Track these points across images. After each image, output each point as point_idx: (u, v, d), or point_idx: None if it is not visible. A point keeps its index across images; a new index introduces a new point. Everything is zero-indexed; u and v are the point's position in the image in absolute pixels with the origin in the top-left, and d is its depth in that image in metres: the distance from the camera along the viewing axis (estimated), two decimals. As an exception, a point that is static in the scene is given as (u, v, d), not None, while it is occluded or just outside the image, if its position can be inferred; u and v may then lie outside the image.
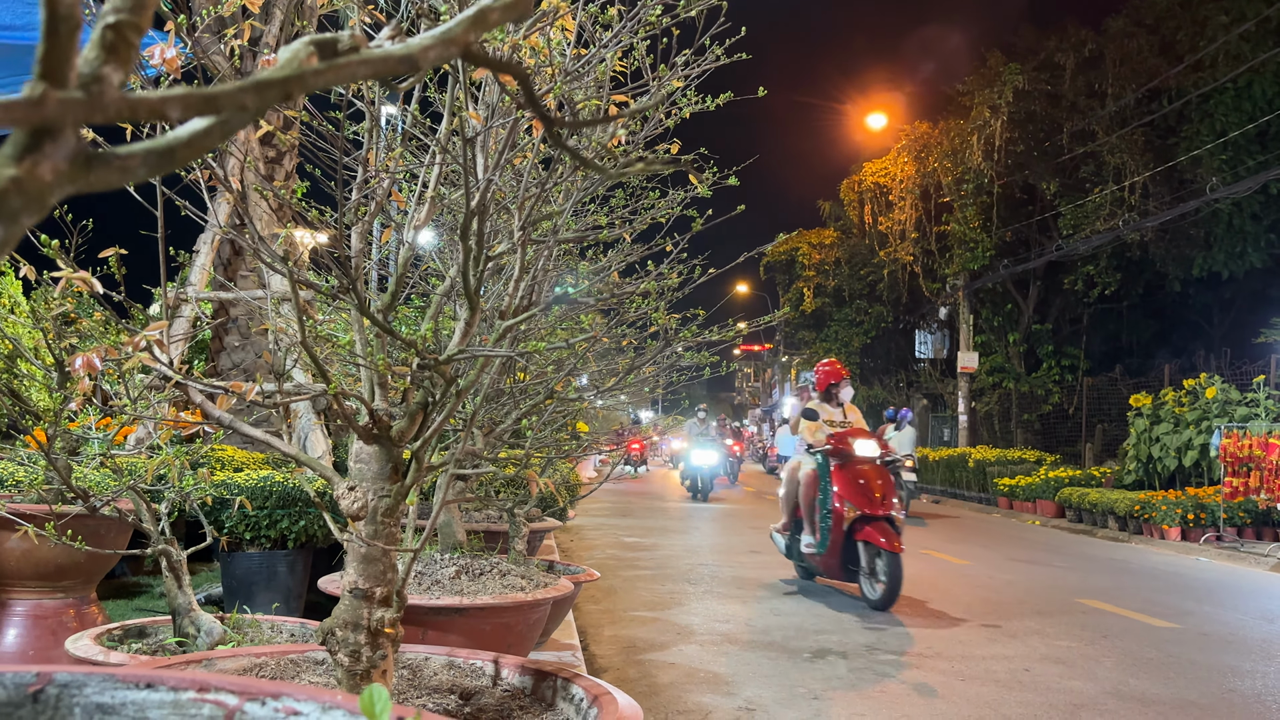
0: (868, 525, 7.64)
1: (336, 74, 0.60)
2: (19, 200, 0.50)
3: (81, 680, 0.81)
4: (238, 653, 1.98)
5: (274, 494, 4.56)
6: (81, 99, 0.50)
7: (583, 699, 1.83)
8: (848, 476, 7.96)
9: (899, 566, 7.37)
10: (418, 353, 1.48)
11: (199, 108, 0.53)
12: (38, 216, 0.53)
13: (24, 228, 0.52)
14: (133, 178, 0.57)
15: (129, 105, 0.52)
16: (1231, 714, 4.95)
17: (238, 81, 0.55)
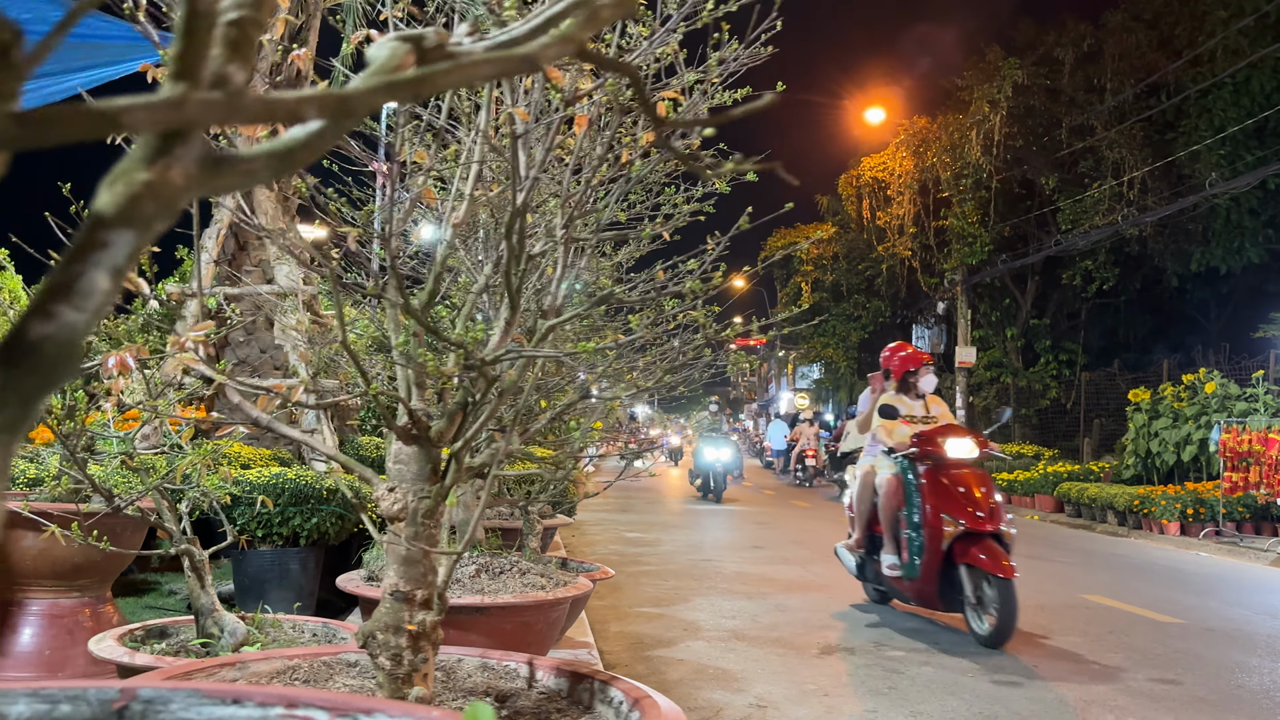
0: (972, 544, 6.27)
1: (462, 73, 0.57)
2: (152, 205, 0.48)
3: (166, 696, 0.78)
4: (270, 655, 1.96)
5: (286, 491, 4.54)
6: (221, 100, 0.48)
7: (622, 702, 1.81)
8: (943, 484, 6.59)
9: (1013, 595, 6.01)
10: (466, 353, 1.46)
11: (334, 110, 0.51)
12: (167, 222, 0.51)
13: (155, 234, 0.50)
14: (255, 181, 0.55)
15: (266, 107, 0.50)
16: (1241, 710, 4.95)
17: (369, 82, 0.53)
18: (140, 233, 0.48)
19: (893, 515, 6.96)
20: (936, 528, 6.46)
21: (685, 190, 2.90)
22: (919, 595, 6.71)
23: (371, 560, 3.57)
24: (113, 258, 0.47)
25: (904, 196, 25.84)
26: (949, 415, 7.51)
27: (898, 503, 6.95)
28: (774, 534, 13.17)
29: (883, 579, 7.11)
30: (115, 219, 0.47)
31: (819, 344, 29.85)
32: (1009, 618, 5.97)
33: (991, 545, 6.22)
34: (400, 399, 1.69)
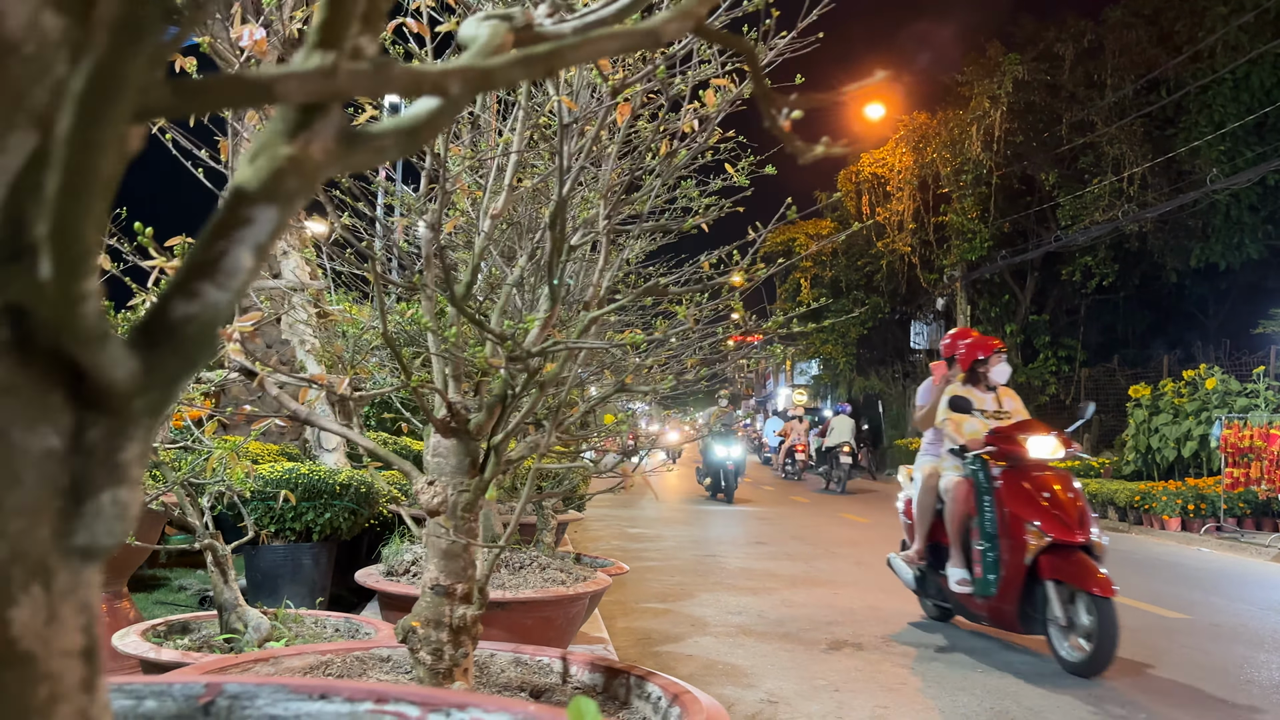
0: (1060, 557, 5.50)
1: (590, 48, 0.56)
2: (295, 181, 0.46)
3: (252, 691, 0.77)
4: (301, 650, 1.94)
5: (299, 486, 4.52)
6: (370, 71, 0.46)
7: (660, 698, 1.79)
8: (1024, 489, 5.79)
9: (1113, 617, 5.19)
10: (515, 345, 1.44)
11: (476, 83, 0.49)
12: (307, 199, 0.49)
13: (296, 211, 0.48)
14: (385, 158, 0.54)
15: (413, 78, 0.48)
16: (1251, 705, 4.95)
17: (505, 56, 0.51)
18: (283, 209, 0.46)
19: (962, 524, 6.16)
20: (1018, 539, 5.65)
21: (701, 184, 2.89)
22: (995, 615, 5.88)
23: (391, 555, 3.55)
24: (256, 234, 0.46)
25: (904, 192, 25.84)
26: (1023, 409, 6.66)
27: (968, 510, 6.13)
28: (775, 530, 13.16)
29: (948, 595, 6.29)
30: (258, 194, 0.45)
31: (818, 340, 29.84)
32: (1108, 643, 5.14)
33: (1082, 559, 5.43)
34: (439, 391, 1.67)
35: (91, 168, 0.34)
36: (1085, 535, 5.53)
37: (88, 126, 0.33)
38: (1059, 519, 5.58)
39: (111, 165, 0.35)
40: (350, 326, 1.94)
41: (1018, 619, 5.76)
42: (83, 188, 0.34)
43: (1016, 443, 5.98)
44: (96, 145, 0.34)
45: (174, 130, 1.89)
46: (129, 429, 0.44)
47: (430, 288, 1.66)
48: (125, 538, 0.45)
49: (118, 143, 0.35)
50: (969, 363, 6.60)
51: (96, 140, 0.33)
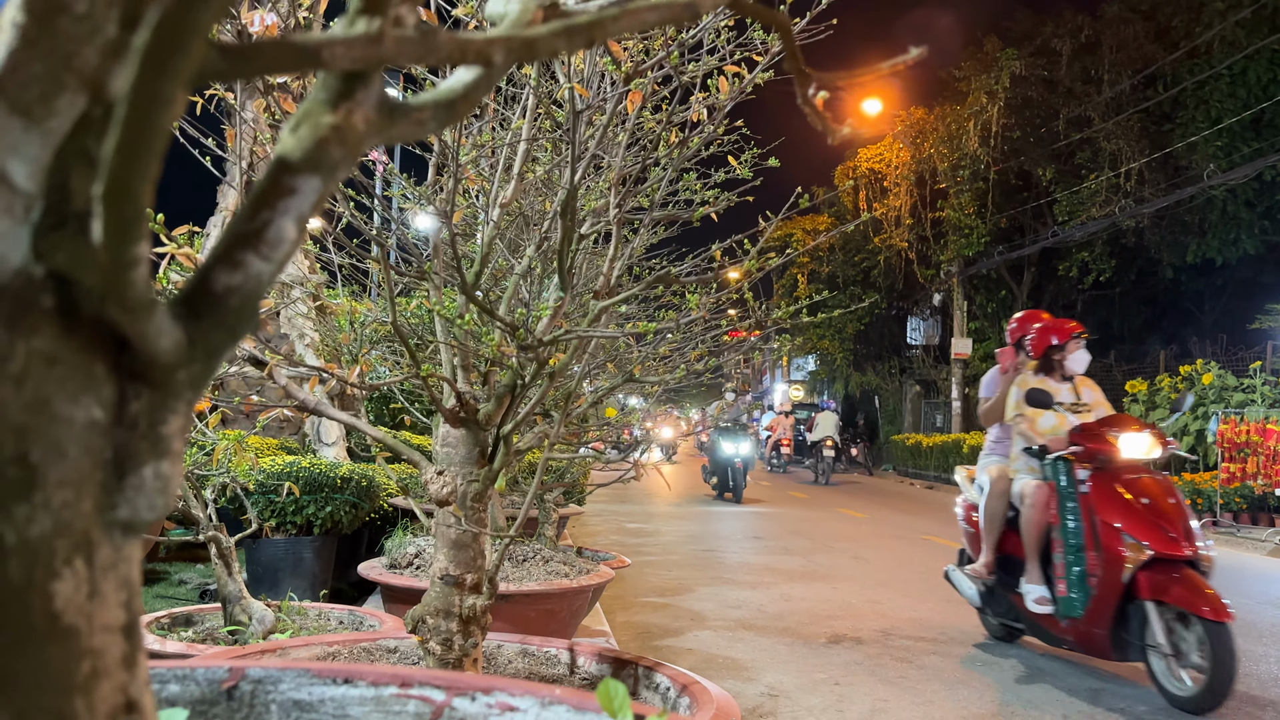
0: (1163, 575, 4.76)
1: (631, 19, 0.55)
2: (338, 150, 0.46)
3: (276, 676, 0.76)
4: (308, 641, 1.94)
5: (300, 479, 4.51)
6: (416, 38, 0.45)
7: (669, 688, 1.79)
8: (1118, 495, 5.05)
9: (1230, 644, 4.50)
10: (526, 334, 1.43)
11: (520, 52, 0.49)
12: (349, 170, 0.48)
13: (338, 182, 0.47)
14: (424, 131, 0.53)
15: (458, 46, 0.47)
16: (1251, 699, 4.96)
17: (548, 25, 0.51)
18: (326, 179, 0.45)
19: (1041, 534, 5.41)
20: (1114, 553, 4.89)
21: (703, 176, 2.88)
22: (1082, 639, 5.14)
23: (394, 548, 3.55)
24: (299, 205, 0.45)
25: (900, 188, 25.84)
26: (1104, 401, 5.83)
27: (1048, 518, 5.37)
28: (772, 524, 13.17)
29: (1022, 615, 5.46)
30: (302, 164, 0.45)
31: (814, 335, 29.85)
32: (1225, 674, 4.44)
33: (1190, 576, 4.72)
34: (448, 381, 1.66)
35: (153, 124, 0.33)
36: (1192, 549, 4.79)
37: (153, 79, 0.32)
38: (1161, 529, 4.81)
39: (168, 124, 0.34)
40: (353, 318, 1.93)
41: (1110, 645, 4.99)
42: (142, 146, 0.33)
43: (1106, 441, 5.20)
44: (160, 100, 0.33)
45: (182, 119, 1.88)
46: (172, 401, 0.44)
47: (439, 276, 1.65)
48: (168, 511, 0.44)
49: (176, 101, 0.34)
50: (1042, 349, 5.78)
51: (161, 94, 0.33)
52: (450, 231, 1.40)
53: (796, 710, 4.52)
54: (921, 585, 8.11)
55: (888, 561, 9.65)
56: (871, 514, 14.65)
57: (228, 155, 1.97)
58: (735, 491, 16.23)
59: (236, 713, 0.75)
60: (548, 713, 0.72)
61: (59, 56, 0.36)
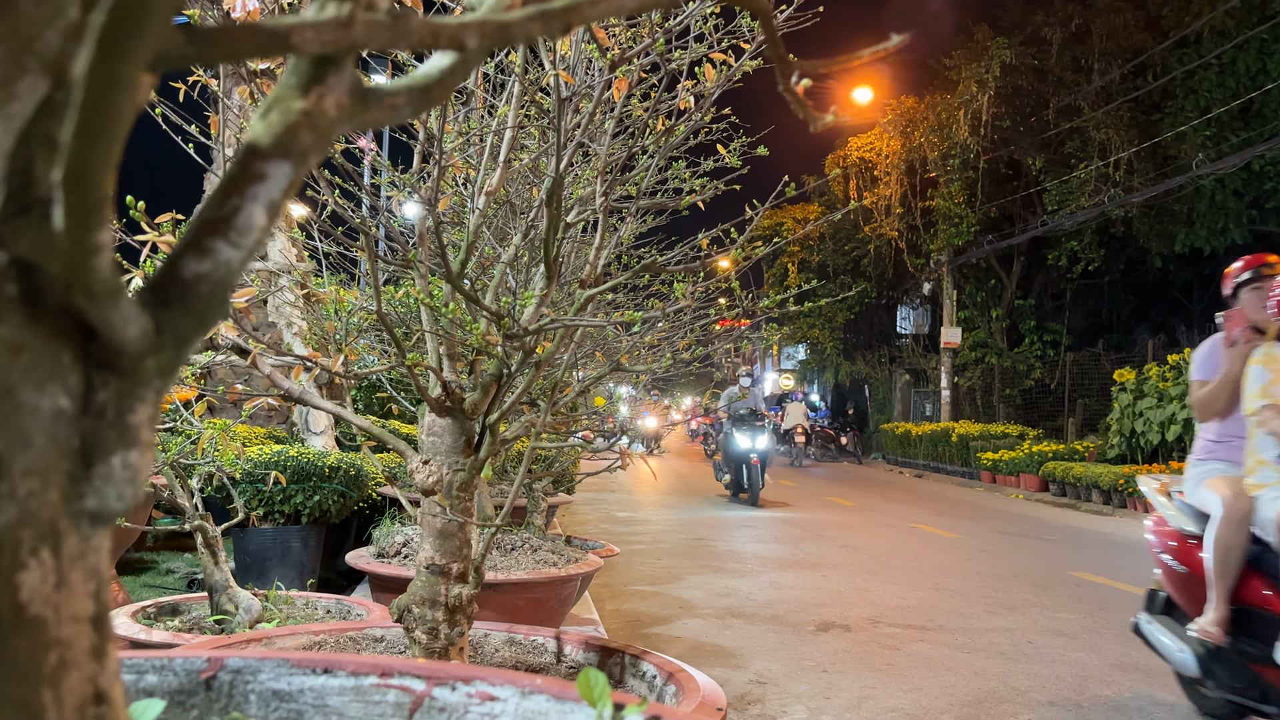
0: None
1: (609, 4, 0.54)
2: (309, 136, 0.45)
3: (255, 666, 0.76)
4: (294, 631, 1.93)
5: (288, 468, 4.49)
6: (387, 22, 0.45)
7: (655, 676, 1.79)
8: None
9: None
10: (512, 322, 1.43)
11: (494, 36, 0.48)
12: (320, 156, 0.48)
13: (310, 168, 0.47)
14: (399, 117, 0.52)
15: (431, 31, 0.46)
16: (1236, 685, 4.99)
17: (523, 10, 0.50)
18: (297, 165, 0.45)
19: None
20: None
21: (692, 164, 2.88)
22: None
23: (382, 537, 3.54)
24: (270, 191, 0.44)
25: (891, 177, 25.84)
26: None
27: None
28: (762, 514, 13.19)
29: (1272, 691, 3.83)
30: (272, 149, 0.44)
31: (805, 324, 29.88)
32: None
33: None
34: (434, 370, 1.66)
35: (110, 109, 0.33)
36: None
37: (109, 62, 0.32)
38: None
39: (129, 109, 0.34)
40: (340, 307, 1.92)
41: None
42: (100, 130, 0.33)
43: None
44: (118, 83, 0.32)
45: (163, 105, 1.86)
46: (140, 390, 0.43)
47: (425, 264, 1.64)
48: (136, 502, 0.44)
49: (136, 85, 0.33)
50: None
51: (118, 78, 0.32)
52: (435, 220, 1.39)
53: (784, 698, 4.54)
54: (910, 573, 8.15)
55: (877, 550, 9.69)
56: (861, 502, 14.70)
57: (213, 143, 1.95)
58: (751, 492, 13.65)
59: (215, 703, 0.75)
60: (528, 702, 0.72)
61: (20, 39, 0.35)
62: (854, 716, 4.30)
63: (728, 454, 14.47)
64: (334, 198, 1.81)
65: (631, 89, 1.60)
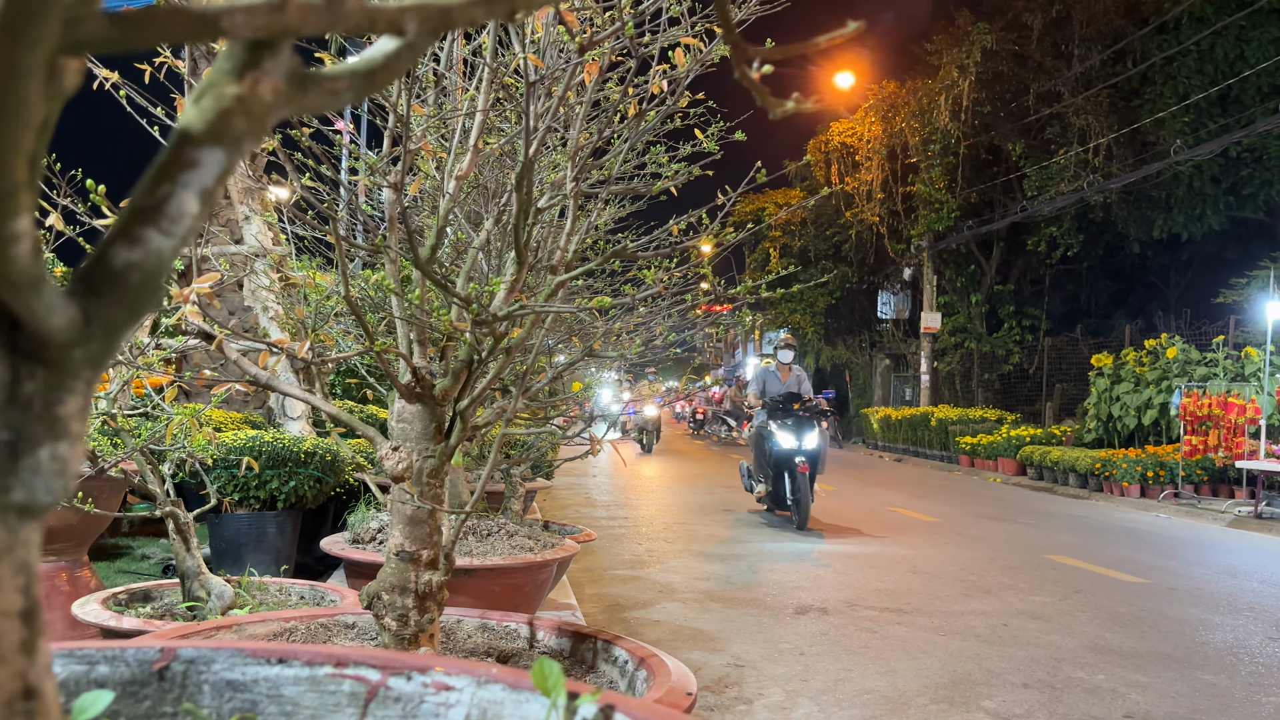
0: None
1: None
2: (243, 122, 0.44)
3: (209, 656, 0.75)
4: (265, 617, 1.92)
5: (263, 454, 4.47)
6: (321, 5, 0.44)
7: (627, 661, 1.80)
8: None
9: None
10: (481, 308, 1.42)
11: (434, 21, 0.47)
12: (256, 142, 0.47)
13: (244, 154, 0.46)
14: (340, 102, 0.52)
15: (368, 15, 0.46)
16: (1206, 666, 5.07)
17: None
18: (230, 152, 0.44)
19: None
20: None
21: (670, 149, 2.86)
22: None
23: (357, 523, 3.53)
24: (202, 178, 0.44)
25: (872, 162, 25.87)
26: None
27: None
28: (742, 497, 13.24)
29: None
30: (204, 136, 0.43)
31: (786, 309, 29.93)
32: None
33: None
34: (403, 356, 1.65)
35: (16, 95, 0.32)
36: None
37: (10, 47, 0.31)
38: None
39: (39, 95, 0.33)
40: (313, 291, 1.91)
41: None
42: (7, 118, 0.32)
43: None
44: (21, 69, 0.31)
45: (128, 87, 1.84)
46: (69, 381, 0.42)
47: (394, 250, 1.63)
48: (66, 495, 0.43)
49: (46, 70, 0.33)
50: None
51: (21, 63, 0.31)
52: (401, 204, 1.38)
53: (761, 680, 4.57)
54: (888, 556, 8.20)
55: (856, 533, 9.74)
56: (841, 486, 14.78)
57: (180, 125, 1.92)
58: (799, 511, 9.81)
59: (168, 694, 0.74)
60: (484, 691, 0.72)
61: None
62: (830, 699, 4.33)
63: (762, 455, 10.54)
64: (303, 182, 1.79)
65: (603, 73, 1.59)
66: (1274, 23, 18.74)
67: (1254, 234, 21.50)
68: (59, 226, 1.78)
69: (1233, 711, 4.33)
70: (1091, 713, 4.22)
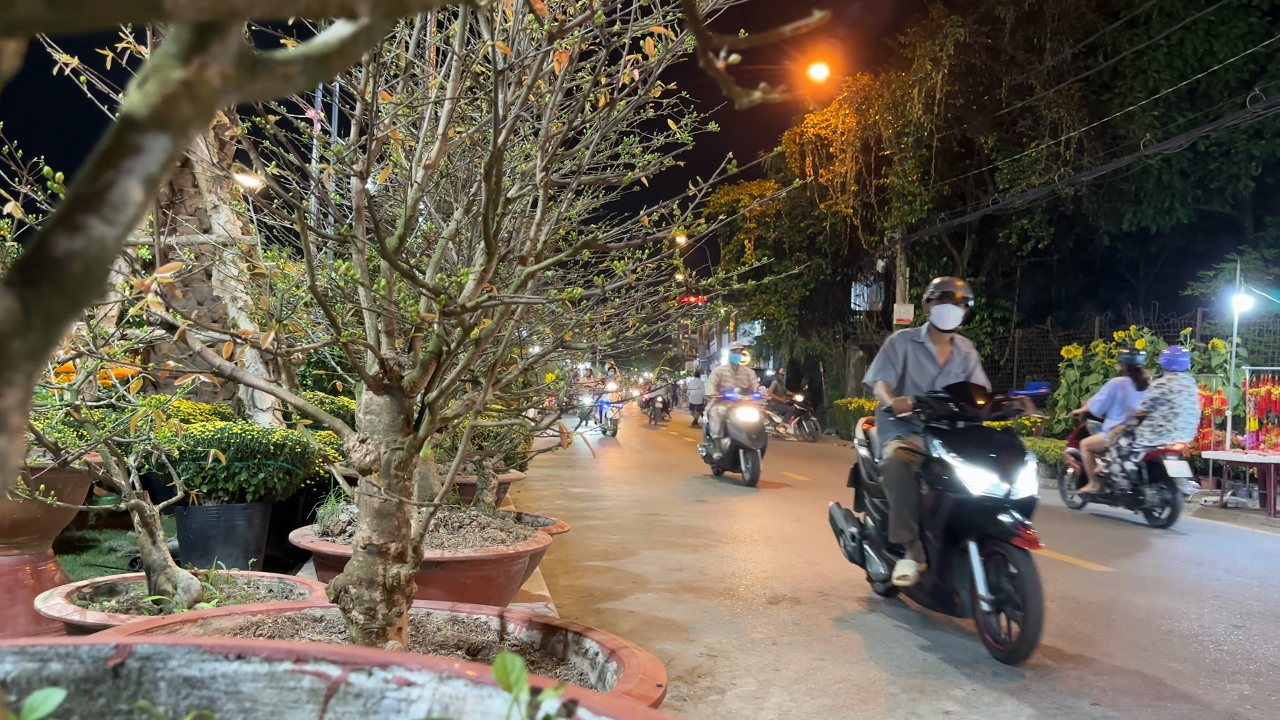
0: None
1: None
2: (189, 107, 0.43)
3: (165, 652, 0.74)
4: (231, 611, 1.90)
5: (232, 445, 4.42)
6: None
7: (598, 653, 1.80)
8: None
9: None
10: (448, 299, 1.40)
11: (388, 5, 0.46)
12: (203, 127, 0.45)
13: (191, 140, 0.45)
14: (293, 87, 0.50)
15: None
16: (1171, 654, 5.13)
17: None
18: (176, 138, 0.43)
19: None
20: None
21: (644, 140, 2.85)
22: None
23: (326, 515, 3.50)
24: (146, 165, 0.42)
25: (846, 154, 25.94)
26: None
27: None
28: (717, 488, 13.28)
29: None
30: (149, 121, 0.42)
31: (761, 301, 30.00)
32: None
33: None
34: (371, 347, 1.63)
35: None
36: None
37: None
38: None
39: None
40: (281, 281, 1.88)
41: None
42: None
43: None
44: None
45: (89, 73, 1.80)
46: (6, 374, 0.41)
47: (361, 240, 1.61)
48: (4, 490, 0.42)
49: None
50: None
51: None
52: (366, 194, 1.36)
53: (734, 670, 4.59)
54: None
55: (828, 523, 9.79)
56: (814, 477, 14.84)
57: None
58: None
59: (123, 691, 0.73)
60: (445, 687, 0.71)
61: None
62: (802, 688, 4.35)
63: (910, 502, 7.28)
64: (269, 170, 1.77)
65: (574, 62, 1.58)
66: (1242, 18, 18.96)
67: (1221, 227, 21.78)
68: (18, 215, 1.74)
69: (1197, 698, 4.40)
70: (1059, 701, 4.27)
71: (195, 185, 6.97)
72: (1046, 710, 4.13)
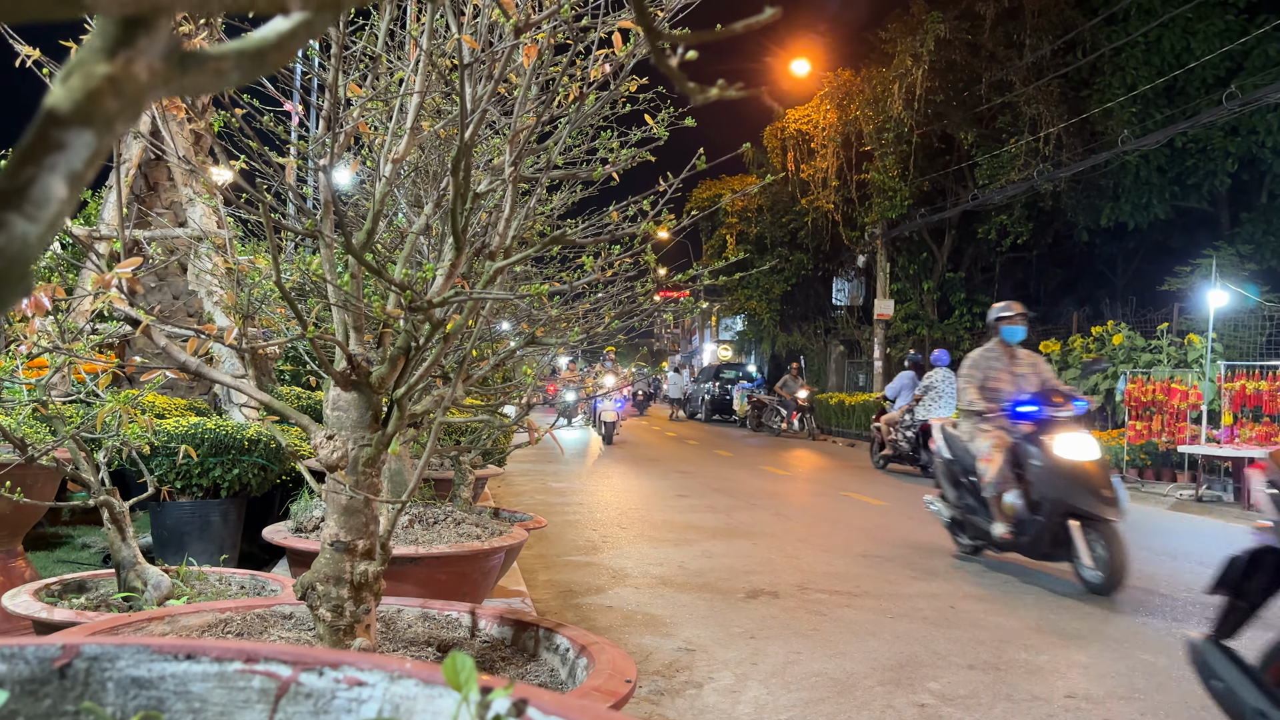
0: None
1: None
2: (114, 103, 0.42)
3: (113, 652, 0.73)
4: (199, 608, 1.89)
5: (206, 441, 4.38)
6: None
7: (568, 649, 1.79)
8: None
9: None
10: (414, 295, 1.40)
11: (319, 1, 0.45)
12: (130, 123, 0.45)
13: (117, 136, 0.44)
14: (226, 82, 0.50)
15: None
16: (1145, 646, 5.18)
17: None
18: (100, 133, 0.42)
19: None
20: None
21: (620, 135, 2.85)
22: None
23: (299, 511, 3.48)
24: (70, 161, 0.42)
25: (828, 149, 26.00)
26: None
27: None
28: (697, 483, 13.30)
29: None
30: (72, 117, 0.41)
31: (742, 296, 30.05)
32: None
33: None
34: (338, 343, 1.62)
35: None
36: None
37: None
38: None
39: None
40: (251, 275, 1.87)
41: None
42: None
43: None
44: None
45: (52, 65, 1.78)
46: (-75, 373, 0.40)
47: (327, 235, 1.60)
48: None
49: None
50: None
51: None
52: (330, 189, 1.35)
53: (712, 664, 4.60)
54: (839, 540, 8.29)
55: (808, 517, 9.83)
56: (794, 470, 14.89)
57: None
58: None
59: (70, 692, 0.72)
60: (396, 686, 0.71)
61: None
62: (779, 681, 4.36)
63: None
64: (239, 165, 1.75)
65: (543, 55, 1.57)
66: (1219, 15, 19.12)
67: (1198, 223, 21.97)
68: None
69: (1170, 690, 4.44)
70: (1033, 692, 4.30)
71: (171, 179, 6.91)
72: (1020, 702, 4.16)
